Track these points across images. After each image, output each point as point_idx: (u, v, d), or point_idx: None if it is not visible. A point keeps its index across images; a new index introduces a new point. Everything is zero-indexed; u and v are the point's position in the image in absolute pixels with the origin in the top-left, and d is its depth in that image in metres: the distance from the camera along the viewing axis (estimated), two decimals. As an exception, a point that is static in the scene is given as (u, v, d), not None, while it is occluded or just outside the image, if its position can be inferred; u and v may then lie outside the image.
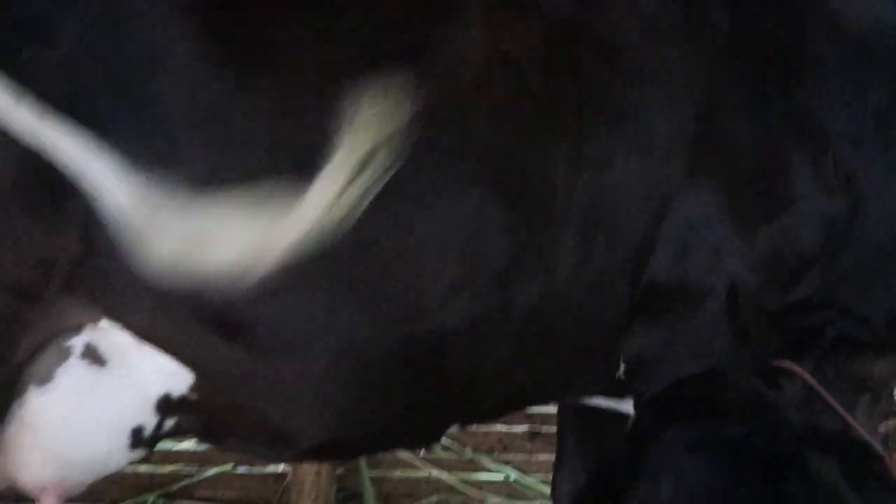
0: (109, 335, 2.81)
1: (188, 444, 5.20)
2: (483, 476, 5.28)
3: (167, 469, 5.15)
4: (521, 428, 5.25)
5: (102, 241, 2.67)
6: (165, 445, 4.92)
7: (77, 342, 2.80)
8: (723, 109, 3.25)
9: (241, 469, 5.17)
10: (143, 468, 5.06)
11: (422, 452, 5.28)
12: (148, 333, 2.81)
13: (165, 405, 2.91)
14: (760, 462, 2.07)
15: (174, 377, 2.87)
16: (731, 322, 3.15)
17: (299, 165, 2.71)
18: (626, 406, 3.39)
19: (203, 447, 5.19)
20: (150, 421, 2.91)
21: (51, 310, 2.73)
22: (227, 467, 5.13)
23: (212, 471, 5.12)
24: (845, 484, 2.05)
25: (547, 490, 4.54)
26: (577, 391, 3.50)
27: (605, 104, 3.11)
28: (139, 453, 3.00)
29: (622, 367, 3.34)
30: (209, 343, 2.84)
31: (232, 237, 2.63)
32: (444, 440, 5.15)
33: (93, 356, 2.82)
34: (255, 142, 2.76)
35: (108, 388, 2.86)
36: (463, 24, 2.98)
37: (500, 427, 5.28)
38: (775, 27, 3.40)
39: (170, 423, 2.95)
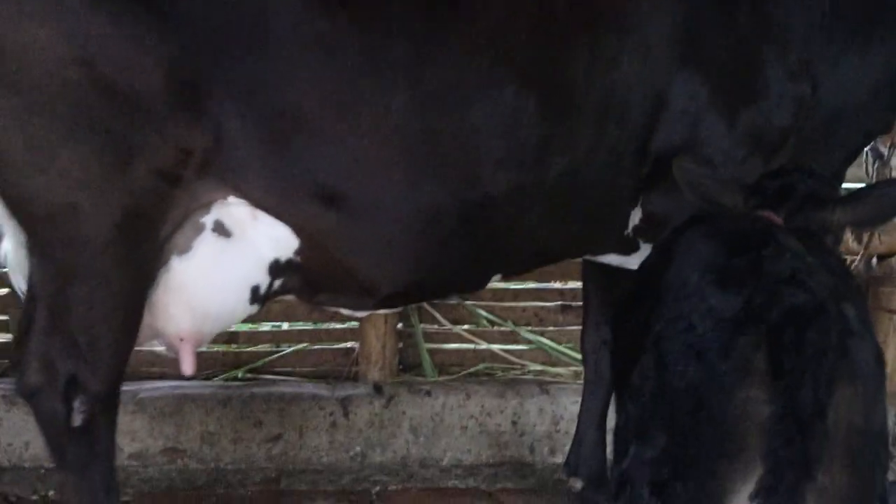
0: (233, 211, 3.26)
1: (268, 327, 5.52)
2: (522, 346, 5.52)
3: (252, 349, 5.41)
4: (554, 303, 5.50)
5: (231, 133, 3.09)
6: (248, 328, 5.41)
7: (208, 219, 3.25)
8: (704, 21, 3.55)
9: (316, 346, 5.42)
10: (232, 348, 5.39)
11: (466, 327, 5.50)
12: (266, 205, 3.25)
13: (276, 267, 3.37)
14: (749, 239, 2.59)
15: (283, 244, 3.34)
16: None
17: (381, 83, 3.16)
18: (633, 262, 3.79)
19: (281, 328, 5.53)
20: (264, 280, 3.39)
21: (188, 190, 3.15)
22: (303, 345, 5.41)
23: (290, 348, 5.40)
24: (803, 248, 2.59)
25: (577, 355, 4.98)
26: (594, 248, 3.92)
27: (612, 20, 3.44)
28: (255, 308, 3.47)
29: (630, 225, 3.75)
30: (313, 210, 3.27)
31: None
32: (489, 315, 5.48)
33: (221, 230, 3.28)
34: (345, 64, 3.14)
35: (233, 255, 3.32)
36: None
37: (535, 303, 5.53)
38: None
39: (278, 282, 3.43)
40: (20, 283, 3.35)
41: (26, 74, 2.87)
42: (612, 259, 3.96)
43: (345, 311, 3.83)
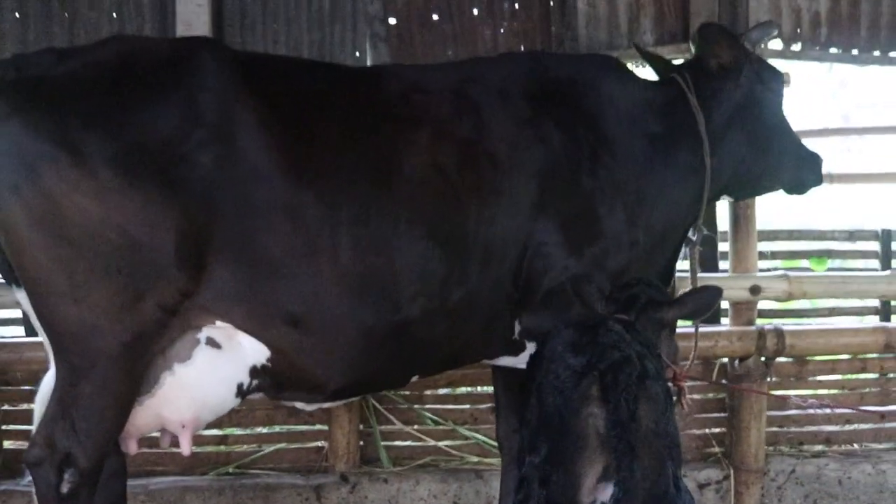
0: (222, 329, 3.75)
1: (253, 431, 5.92)
2: (461, 441, 5.92)
3: (240, 449, 5.86)
4: (486, 405, 5.88)
5: (221, 277, 3.63)
6: (237, 432, 5.81)
7: (202, 335, 3.75)
8: (556, 186, 4.11)
9: (293, 445, 5.85)
10: (222, 448, 5.82)
11: (415, 427, 5.89)
12: (245, 327, 3.75)
13: (254, 370, 3.86)
14: (591, 326, 3.51)
15: (258, 353, 3.83)
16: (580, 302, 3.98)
17: (332, 239, 3.73)
18: (521, 362, 4.12)
19: (264, 431, 5.94)
20: (245, 380, 3.88)
21: (183, 318, 3.66)
22: (282, 445, 5.84)
23: (271, 448, 5.84)
24: (623, 330, 3.52)
25: (508, 449, 5.22)
26: (489, 353, 4.36)
27: (492, 188, 4.01)
28: (238, 401, 3.93)
29: (516, 331, 4.22)
30: (280, 329, 3.76)
31: None
32: (433, 416, 5.91)
33: (213, 343, 3.77)
34: (307, 225, 3.69)
35: (223, 361, 3.80)
36: (418, 148, 3.92)
37: (471, 406, 5.98)
38: (583, 127, 4.25)
39: (255, 382, 3.90)
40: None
41: (77, 232, 3.43)
42: (506, 361, 4.42)
43: (299, 405, 4.23)
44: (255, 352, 3.87)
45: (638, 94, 4.54)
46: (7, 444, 5.79)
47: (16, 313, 5.82)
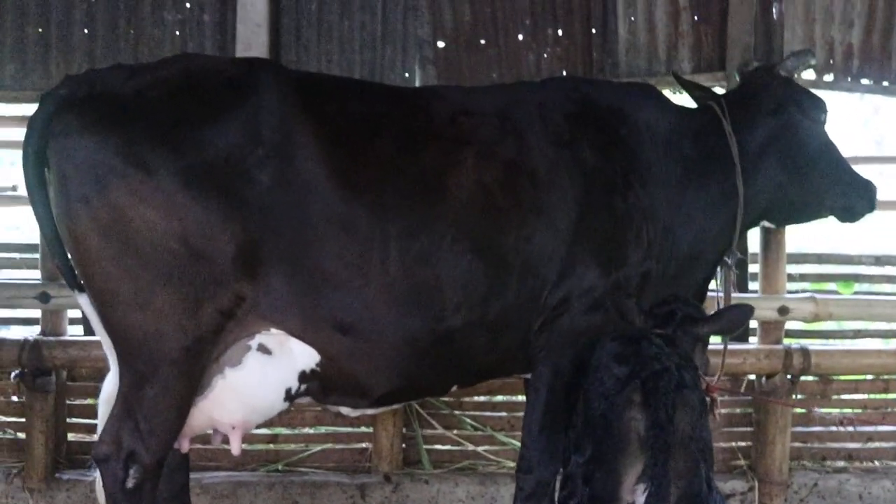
0: (274, 336, 3.80)
1: (301, 431, 5.98)
2: (498, 447, 5.93)
3: (288, 447, 5.91)
4: (522, 413, 5.20)
5: (275, 285, 3.67)
6: (286, 431, 5.89)
7: (254, 342, 3.81)
8: (590, 209, 4.13)
9: (339, 446, 5.90)
10: (272, 446, 5.89)
11: (455, 431, 5.91)
12: (297, 333, 3.79)
13: (302, 375, 3.90)
14: (633, 339, 3.71)
15: (308, 358, 3.86)
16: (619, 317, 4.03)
17: (382, 252, 3.77)
18: None
19: (311, 432, 5.99)
20: (294, 385, 3.91)
21: (239, 323, 3.71)
22: (328, 445, 5.90)
23: (318, 447, 5.90)
24: (663, 343, 3.72)
25: (541, 454, 5.37)
26: (523, 368, 4.33)
27: (532, 206, 4.03)
28: (287, 404, 3.97)
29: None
30: (331, 336, 3.80)
31: None
32: (472, 421, 5.94)
33: (263, 349, 3.83)
34: (359, 237, 3.75)
35: (273, 366, 3.85)
36: (464, 167, 3.96)
37: (508, 413, 5.95)
38: (619, 153, 4.27)
39: (304, 387, 3.93)
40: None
41: (143, 243, 3.51)
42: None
43: (344, 410, 4.22)
44: (305, 357, 3.91)
45: (673, 122, 4.53)
46: (70, 436, 5.92)
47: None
